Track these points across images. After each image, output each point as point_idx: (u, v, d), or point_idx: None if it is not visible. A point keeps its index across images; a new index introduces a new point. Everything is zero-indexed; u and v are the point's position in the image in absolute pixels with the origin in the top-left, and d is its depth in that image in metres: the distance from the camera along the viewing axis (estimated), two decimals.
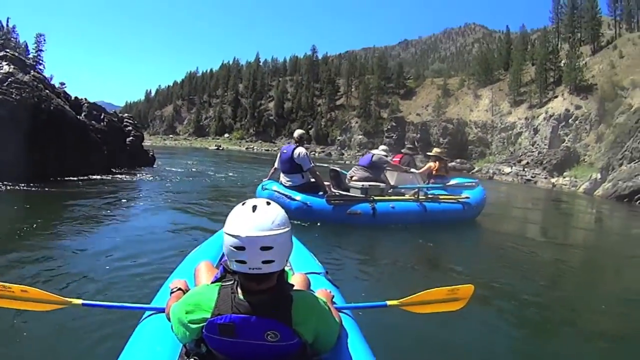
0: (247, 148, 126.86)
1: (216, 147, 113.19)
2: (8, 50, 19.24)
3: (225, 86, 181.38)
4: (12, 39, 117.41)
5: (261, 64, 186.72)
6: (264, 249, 2.44)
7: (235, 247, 2.46)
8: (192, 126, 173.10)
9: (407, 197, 13.19)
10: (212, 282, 3.04)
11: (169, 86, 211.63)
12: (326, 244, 10.16)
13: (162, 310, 3.42)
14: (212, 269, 3.84)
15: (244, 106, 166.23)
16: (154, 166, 28.43)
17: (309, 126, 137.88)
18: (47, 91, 18.21)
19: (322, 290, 3.62)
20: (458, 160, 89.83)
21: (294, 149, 11.83)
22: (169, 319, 2.94)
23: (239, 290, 2.58)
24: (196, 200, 15.83)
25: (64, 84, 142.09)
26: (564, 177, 61.80)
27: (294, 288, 2.84)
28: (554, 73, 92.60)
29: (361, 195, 12.35)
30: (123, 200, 14.57)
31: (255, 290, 2.55)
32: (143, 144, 28.57)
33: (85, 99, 23.95)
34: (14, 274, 6.61)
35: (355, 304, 4.05)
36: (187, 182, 21.94)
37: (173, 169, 28.67)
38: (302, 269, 4.32)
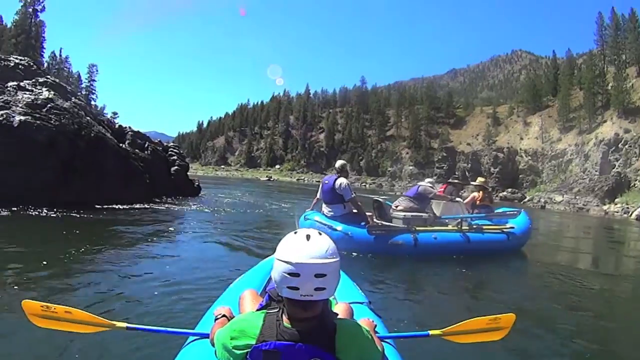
0: (297, 179, 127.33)
1: (267, 178, 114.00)
2: (49, 76, 19.34)
3: (276, 118, 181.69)
4: (64, 68, 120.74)
5: (311, 95, 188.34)
6: (317, 276, 2.44)
7: (289, 274, 2.45)
8: (243, 157, 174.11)
9: (450, 227, 12.82)
10: (258, 310, 3.11)
11: (220, 118, 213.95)
12: (369, 274, 9.96)
13: (206, 336, 3.41)
14: (256, 297, 3.85)
15: (295, 137, 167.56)
16: (199, 196, 28.11)
17: (360, 157, 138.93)
18: (89, 118, 18.25)
19: (365, 320, 3.56)
20: (509, 189, 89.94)
21: (336, 179, 11.69)
22: (213, 345, 2.91)
23: (284, 318, 2.55)
24: (240, 229, 15.72)
25: (116, 113, 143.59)
26: (615, 204, 60.83)
27: (338, 317, 2.86)
28: (602, 97, 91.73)
29: (403, 226, 12.12)
30: (163, 229, 14.36)
31: (300, 317, 2.52)
32: (193, 173, 28.29)
33: (129, 127, 23.98)
34: (57, 296, 6.66)
35: (397, 334, 4.07)
36: (231, 212, 21.47)
37: (218, 199, 28.23)
38: (345, 299, 4.30)
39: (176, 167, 26.80)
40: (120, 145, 19.94)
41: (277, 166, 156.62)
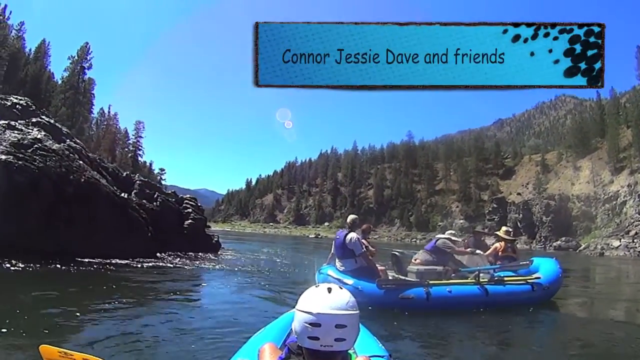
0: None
1: (315, 236, 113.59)
2: (44, 117, 18.10)
3: (324, 175, 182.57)
4: (112, 124, 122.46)
5: (359, 151, 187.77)
6: (338, 326, 2.49)
7: (310, 324, 2.50)
8: (292, 215, 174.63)
9: (467, 280, 12.34)
10: None
11: (268, 175, 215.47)
12: (389, 327, 9.79)
13: None
14: (276, 351, 3.63)
15: (344, 194, 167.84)
16: (218, 253, 25.77)
17: (409, 213, 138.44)
18: (82, 162, 16.88)
19: None
20: (563, 238, 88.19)
21: (346, 234, 11.64)
22: None
23: None
24: (258, 285, 15.49)
25: (163, 169, 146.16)
26: None
27: None
28: None
29: (414, 280, 11.95)
30: (157, 287, 13.56)
31: None
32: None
33: (138, 176, 22.99)
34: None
35: None
36: (249, 270, 19.76)
37: (240, 257, 26.44)
38: (366, 352, 4.26)
39: (190, 221, 24.63)
40: (120, 193, 18.52)
41: (326, 223, 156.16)
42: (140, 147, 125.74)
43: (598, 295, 19.44)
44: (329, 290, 2.62)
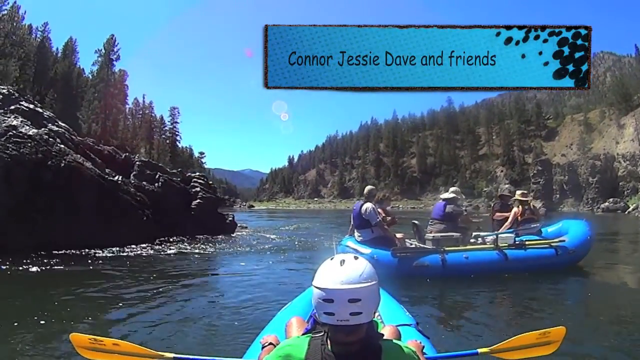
0: (392, 207, 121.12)
1: None
2: (23, 102, 16.98)
3: (366, 147, 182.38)
4: (149, 113, 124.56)
5: (399, 120, 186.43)
6: (351, 301, 2.43)
7: (323, 300, 2.47)
8: (336, 188, 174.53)
9: (486, 245, 12.24)
10: (303, 334, 3.11)
11: (310, 151, 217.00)
12: (414, 295, 9.95)
13: None
14: (302, 324, 3.87)
15: (387, 165, 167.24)
16: (233, 234, 24.08)
17: (454, 179, 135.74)
18: (63, 146, 15.63)
19: (413, 341, 3.51)
20: (610, 199, 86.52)
21: (362, 205, 11.87)
22: None
23: (329, 342, 2.56)
24: (280, 263, 15.13)
25: (203, 153, 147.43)
26: None
27: (384, 338, 2.83)
28: None
29: (429, 247, 11.96)
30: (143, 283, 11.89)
31: (344, 341, 2.52)
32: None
33: (138, 156, 21.77)
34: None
35: (446, 354, 3.94)
36: (268, 249, 18.28)
37: (260, 235, 24.75)
38: (392, 321, 4.28)
39: (199, 201, 22.96)
40: (114, 176, 17.36)
41: None
42: (177, 133, 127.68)
43: (636, 260, 18.36)
44: (342, 262, 2.52)
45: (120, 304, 8.83)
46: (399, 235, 12.17)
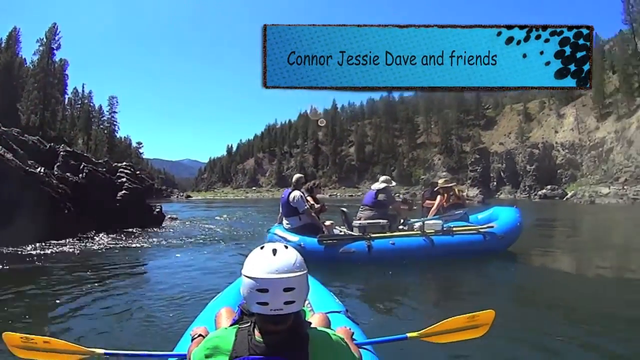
0: (330, 195, 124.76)
1: None
2: None
3: (304, 135, 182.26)
4: (86, 103, 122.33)
5: (339, 109, 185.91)
6: (286, 290, 2.47)
7: (257, 290, 2.47)
8: (274, 177, 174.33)
9: (412, 232, 12.31)
10: (230, 325, 3.14)
11: (249, 140, 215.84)
12: (344, 282, 10.04)
13: (183, 357, 3.46)
14: (232, 314, 3.77)
15: (325, 153, 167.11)
16: (162, 225, 22.81)
17: (392, 168, 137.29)
18: None
19: (342, 328, 3.61)
20: (548, 187, 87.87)
21: (290, 192, 12.19)
22: None
23: (256, 332, 2.58)
24: (209, 254, 14.88)
25: (140, 143, 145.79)
26: None
27: (312, 326, 2.93)
28: (639, 77, 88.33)
29: (355, 234, 12.20)
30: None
31: (272, 330, 2.55)
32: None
33: (63, 146, 20.31)
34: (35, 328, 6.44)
35: (376, 339, 3.98)
36: (197, 241, 17.76)
37: (189, 226, 24.13)
38: (322, 309, 4.38)
39: (124, 192, 21.35)
40: (29, 168, 15.85)
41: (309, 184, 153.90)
42: (115, 123, 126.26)
43: (570, 245, 19.10)
44: (274, 252, 2.53)
45: (47, 302, 8.62)
46: (328, 223, 12.57)
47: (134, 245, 16.09)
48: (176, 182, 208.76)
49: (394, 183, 13.95)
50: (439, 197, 14.29)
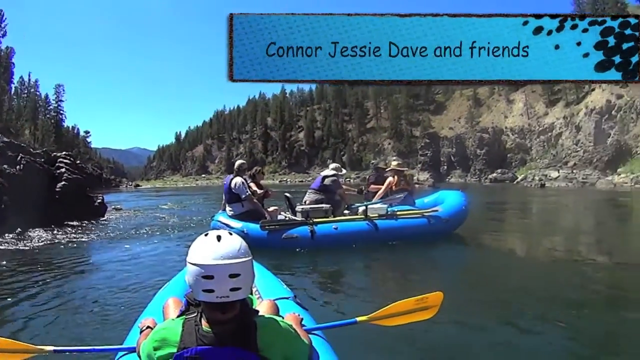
0: (280, 181, 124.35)
1: None
2: None
3: (253, 121, 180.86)
4: (33, 92, 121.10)
5: (287, 95, 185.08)
6: (232, 276, 2.45)
7: (203, 277, 2.44)
8: (223, 164, 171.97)
9: (356, 216, 12.65)
10: (178, 316, 3.14)
11: (198, 126, 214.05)
12: (292, 268, 10.26)
13: (133, 350, 3.37)
14: (179, 304, 3.74)
15: (274, 139, 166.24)
16: (105, 218, 21.58)
17: (342, 152, 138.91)
18: None
19: (291, 314, 3.59)
20: (498, 170, 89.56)
21: (232, 179, 12.41)
22: (140, 358, 2.90)
23: (203, 322, 2.56)
24: (155, 244, 14.49)
25: (88, 132, 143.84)
26: (619, 175, 60.55)
27: (260, 314, 2.93)
28: None
29: (298, 219, 12.28)
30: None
31: (219, 320, 2.52)
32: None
33: (0, 136, 19.08)
34: None
35: (325, 324, 4.01)
36: (142, 231, 17.11)
37: (134, 217, 23.21)
38: (270, 295, 4.35)
39: (64, 183, 19.82)
40: None
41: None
42: (62, 112, 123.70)
43: (519, 227, 20.10)
44: (219, 238, 2.52)
45: None
46: (272, 209, 13.15)
47: (76, 238, 15.34)
48: (125, 172, 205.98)
49: (344, 171, 14.29)
50: (389, 179, 14.13)
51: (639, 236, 17.85)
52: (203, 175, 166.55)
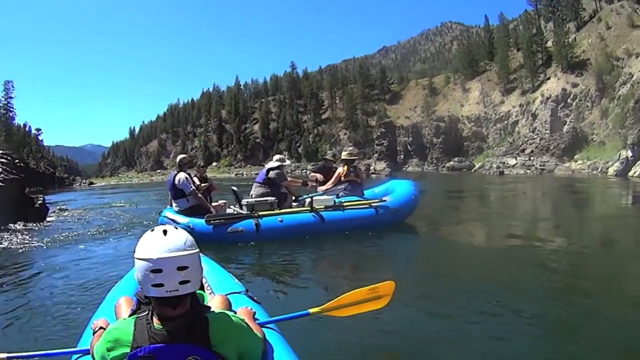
0: (236, 174, 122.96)
1: None
2: None
3: (207, 114, 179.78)
4: None
5: (242, 87, 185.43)
6: (180, 269, 2.48)
7: (151, 271, 2.46)
8: None
9: (301, 208, 12.66)
10: (129, 315, 3.12)
11: (152, 121, 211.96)
12: (242, 262, 10.40)
13: (87, 352, 3.37)
14: (131, 303, 3.68)
15: (229, 132, 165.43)
16: (48, 220, 20.05)
17: (297, 144, 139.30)
18: None
19: (243, 309, 3.63)
20: (456, 158, 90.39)
21: (175, 175, 12.32)
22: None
23: (154, 320, 2.56)
24: (103, 245, 13.84)
25: (39, 129, 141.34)
26: (576, 162, 61.98)
27: (212, 309, 2.91)
28: (542, 55, 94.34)
29: (243, 212, 12.28)
30: None
31: (170, 316, 2.53)
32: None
33: None
34: None
35: (278, 317, 4.02)
36: (88, 233, 15.96)
37: (78, 218, 21.44)
38: (221, 290, 4.37)
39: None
40: None
41: (214, 164, 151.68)
42: (12, 109, 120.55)
43: (476, 215, 20.23)
44: (165, 232, 2.57)
45: None
46: (219, 202, 13.16)
47: (17, 243, 14.18)
48: (80, 169, 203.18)
49: (288, 162, 14.38)
50: (339, 169, 14.03)
51: (596, 221, 18.00)
52: (158, 171, 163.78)
